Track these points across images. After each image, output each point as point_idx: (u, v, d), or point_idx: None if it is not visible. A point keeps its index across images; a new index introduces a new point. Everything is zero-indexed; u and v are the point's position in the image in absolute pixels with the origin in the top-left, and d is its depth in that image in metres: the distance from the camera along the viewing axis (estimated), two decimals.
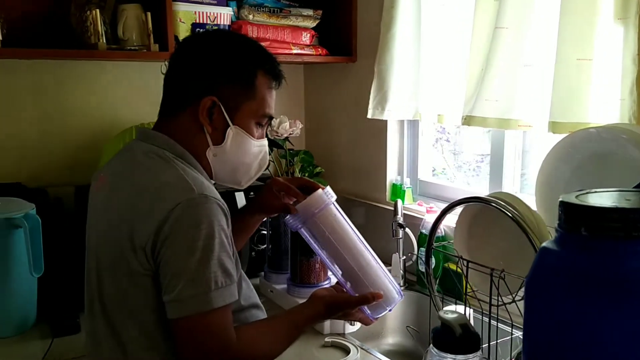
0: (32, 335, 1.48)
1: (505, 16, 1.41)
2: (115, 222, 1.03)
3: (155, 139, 1.09)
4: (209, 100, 1.07)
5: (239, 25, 1.85)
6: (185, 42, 1.20)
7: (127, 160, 1.10)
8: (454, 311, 0.90)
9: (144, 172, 1.04)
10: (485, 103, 1.47)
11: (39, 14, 1.74)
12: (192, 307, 0.96)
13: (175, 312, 0.97)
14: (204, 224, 0.96)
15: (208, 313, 0.96)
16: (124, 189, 1.05)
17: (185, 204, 0.96)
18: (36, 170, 1.85)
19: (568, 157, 1.16)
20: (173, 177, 1.01)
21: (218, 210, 0.99)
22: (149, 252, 0.97)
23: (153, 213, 0.97)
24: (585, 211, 0.62)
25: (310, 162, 2.09)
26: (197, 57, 1.10)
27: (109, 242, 1.04)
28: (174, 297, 0.96)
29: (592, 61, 1.26)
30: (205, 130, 1.08)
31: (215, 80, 1.08)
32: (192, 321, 0.96)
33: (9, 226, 1.41)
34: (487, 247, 1.19)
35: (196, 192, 0.98)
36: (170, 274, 0.97)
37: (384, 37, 1.82)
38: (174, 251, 0.96)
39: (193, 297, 0.95)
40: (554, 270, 0.65)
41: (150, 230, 0.96)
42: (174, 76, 1.12)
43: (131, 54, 1.69)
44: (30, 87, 1.82)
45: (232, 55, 1.11)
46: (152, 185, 1.00)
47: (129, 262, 0.99)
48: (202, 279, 0.96)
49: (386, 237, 1.80)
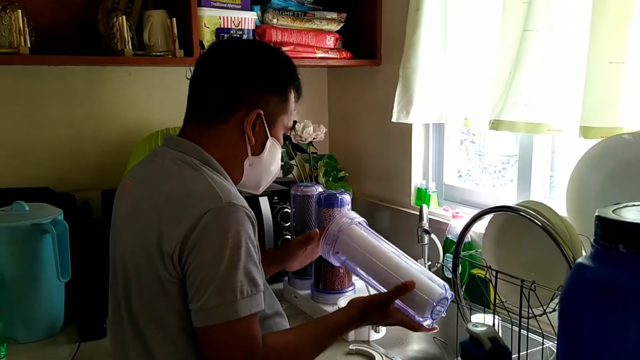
0: (59, 339, 1.50)
1: (534, 18, 1.38)
2: (142, 229, 1.03)
3: (183, 146, 1.08)
4: (256, 112, 1.07)
5: (263, 30, 1.84)
6: (218, 48, 1.16)
7: (154, 167, 1.10)
8: (483, 324, 0.88)
9: (172, 179, 1.04)
10: (514, 107, 1.44)
11: (68, 21, 1.76)
12: (218, 317, 0.95)
13: (201, 320, 0.97)
14: (232, 232, 0.96)
15: (234, 322, 0.95)
16: (151, 196, 1.04)
17: (214, 212, 0.96)
18: (64, 174, 1.87)
19: (600, 164, 1.13)
20: (201, 185, 1.01)
21: (245, 219, 0.99)
22: (176, 259, 0.97)
23: (181, 221, 0.97)
24: (623, 227, 0.60)
25: (334, 167, 2.08)
26: (238, 66, 1.09)
27: (136, 249, 1.04)
28: (200, 306, 0.96)
29: (625, 64, 1.22)
30: (247, 141, 1.09)
31: (259, 92, 1.09)
32: (217, 330, 0.96)
33: (38, 232, 1.43)
34: (516, 256, 1.16)
35: (224, 201, 0.97)
36: (197, 282, 0.96)
37: (409, 39, 1.80)
38: (202, 260, 0.96)
39: (219, 306, 0.95)
40: (590, 286, 0.63)
41: (178, 237, 0.96)
42: (209, 83, 1.10)
43: (157, 60, 1.70)
44: (58, 93, 1.85)
45: (273, 67, 1.12)
46: (180, 193, 1.00)
47: (157, 269, 0.99)
48: (229, 288, 0.95)
49: (411, 242, 1.78)
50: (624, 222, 0.60)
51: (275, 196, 1.81)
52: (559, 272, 1.02)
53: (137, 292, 1.05)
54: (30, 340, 1.47)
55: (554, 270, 1.05)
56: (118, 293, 1.10)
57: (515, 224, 1.16)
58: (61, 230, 1.44)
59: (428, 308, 1.12)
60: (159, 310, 1.02)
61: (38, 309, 1.48)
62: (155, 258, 0.99)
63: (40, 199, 1.59)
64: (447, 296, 1.13)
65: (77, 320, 1.55)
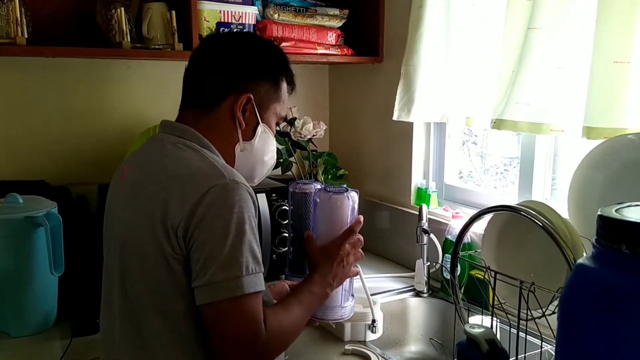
0: (52, 334, 1.48)
1: (538, 16, 1.36)
2: (146, 207, 1.01)
3: (181, 132, 1.10)
4: (246, 96, 1.10)
5: (264, 25, 1.82)
6: (213, 40, 1.20)
7: (153, 150, 1.11)
8: (481, 325, 0.86)
9: (175, 160, 1.04)
10: (516, 106, 1.42)
11: (66, 12, 1.74)
12: (225, 292, 0.94)
13: (206, 296, 0.95)
14: (236, 207, 0.96)
15: (240, 298, 0.94)
16: (154, 176, 1.04)
17: (218, 188, 0.96)
18: (60, 167, 1.85)
19: (603, 165, 1.10)
20: (205, 164, 1.02)
21: (248, 197, 1.00)
22: (180, 235, 0.97)
23: (186, 197, 0.97)
24: (627, 227, 0.57)
25: (334, 164, 2.06)
26: (232, 55, 1.13)
27: (139, 228, 1.02)
28: (206, 281, 0.95)
29: (630, 64, 1.20)
30: (238, 125, 1.11)
31: (251, 78, 1.12)
32: (223, 306, 0.94)
33: (31, 224, 1.41)
34: (516, 257, 1.14)
35: (227, 179, 0.98)
36: (203, 257, 0.95)
37: (412, 37, 1.77)
38: (208, 235, 0.95)
39: (225, 281, 0.94)
40: (591, 288, 0.61)
41: (183, 213, 0.96)
42: (204, 71, 1.13)
43: (155, 53, 1.68)
44: (55, 85, 1.83)
45: (265, 56, 1.15)
46: (185, 172, 1.01)
47: (162, 246, 0.98)
48: (235, 263, 0.94)
49: (410, 242, 1.76)
50: (627, 222, 0.58)
51: (273, 193, 1.78)
52: (559, 273, 1.00)
53: (138, 274, 1.03)
54: (23, 334, 1.45)
55: (554, 272, 1.02)
56: (112, 280, 1.08)
57: (515, 225, 1.14)
58: (55, 223, 1.42)
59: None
60: (163, 292, 1.00)
61: (30, 303, 1.46)
62: (161, 235, 0.98)
63: (35, 192, 1.57)
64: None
65: (70, 315, 1.53)
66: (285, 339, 1.06)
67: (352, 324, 1.45)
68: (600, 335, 0.59)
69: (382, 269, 1.93)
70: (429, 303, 1.72)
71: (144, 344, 1.02)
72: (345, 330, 1.46)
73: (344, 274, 1.18)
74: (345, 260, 1.17)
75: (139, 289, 1.03)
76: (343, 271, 1.18)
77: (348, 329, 1.46)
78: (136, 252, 1.03)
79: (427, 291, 1.73)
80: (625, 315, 0.58)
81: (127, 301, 1.04)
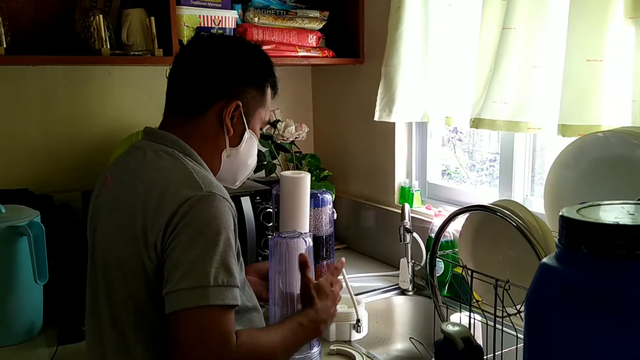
0: (38, 342, 1.48)
1: (513, 17, 1.38)
2: (125, 220, 1.02)
3: (163, 139, 1.10)
4: (235, 103, 1.10)
5: (244, 29, 1.83)
6: (198, 43, 1.18)
7: (134, 159, 1.10)
8: (458, 324, 0.88)
9: (154, 170, 1.04)
10: (494, 105, 1.44)
11: (44, 20, 1.74)
12: (188, 301, 0.91)
13: (170, 305, 0.92)
14: (212, 220, 0.96)
15: (205, 309, 0.91)
16: (133, 187, 1.04)
17: (194, 200, 0.96)
18: (43, 175, 1.85)
19: (575, 163, 1.12)
20: (182, 174, 1.02)
21: (226, 209, 0.99)
22: (159, 247, 0.97)
23: (162, 209, 0.97)
24: (586, 227, 0.59)
25: (318, 166, 2.07)
26: (219, 60, 1.12)
27: (120, 240, 1.03)
28: (171, 288, 0.93)
29: (603, 62, 1.22)
30: (225, 132, 1.11)
31: (239, 84, 1.12)
32: (186, 316, 0.91)
33: (14, 234, 1.41)
34: (493, 255, 1.16)
35: (204, 190, 0.98)
36: (170, 265, 0.95)
37: (391, 37, 1.79)
38: (178, 243, 0.95)
39: (189, 289, 0.91)
40: (554, 287, 0.63)
41: (160, 226, 0.96)
42: (190, 77, 1.12)
43: (135, 59, 1.68)
44: (36, 92, 1.83)
45: (251, 61, 1.15)
46: (162, 182, 1.01)
47: (141, 258, 0.98)
48: (202, 272, 0.92)
49: (395, 241, 1.77)
50: (586, 222, 0.60)
51: (258, 196, 1.79)
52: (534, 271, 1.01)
53: (119, 285, 1.03)
54: (8, 343, 1.45)
55: (529, 269, 1.04)
56: (97, 287, 1.08)
57: (491, 223, 1.16)
58: (38, 232, 1.43)
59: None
60: (142, 303, 1.01)
61: (15, 312, 1.46)
62: (141, 248, 0.98)
63: (18, 201, 1.57)
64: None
65: (55, 323, 1.53)
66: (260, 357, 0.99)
67: (336, 324, 1.47)
68: (563, 333, 0.61)
69: (367, 268, 1.94)
70: (413, 301, 1.74)
71: (129, 350, 1.02)
72: (330, 331, 1.47)
73: (332, 313, 1.16)
74: (335, 299, 1.17)
75: (122, 297, 1.03)
76: (333, 309, 1.16)
77: (333, 329, 1.47)
78: (117, 263, 1.03)
79: (412, 289, 1.75)
80: (587, 313, 0.59)
81: (112, 309, 1.05)
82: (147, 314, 1.01)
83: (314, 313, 1.10)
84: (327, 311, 1.13)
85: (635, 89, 1.17)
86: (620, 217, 0.62)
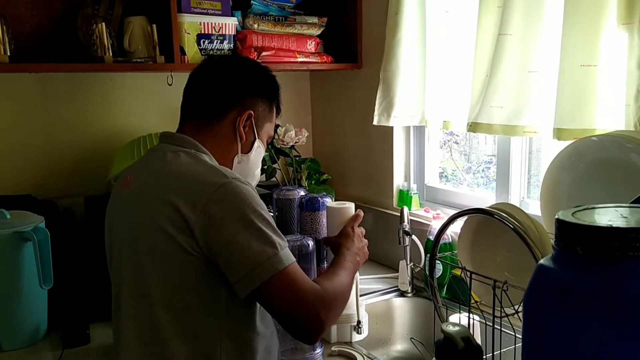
0: (43, 346, 1.50)
1: (509, 23, 1.40)
2: (153, 207, 1.05)
3: (181, 141, 1.16)
4: (248, 112, 1.19)
5: (244, 35, 1.85)
6: (212, 62, 1.28)
7: (155, 160, 1.16)
8: (457, 324, 0.90)
9: (177, 164, 1.11)
10: (491, 109, 1.46)
11: (47, 27, 1.76)
12: (271, 269, 0.99)
13: (255, 281, 0.99)
14: (247, 199, 1.03)
15: (286, 269, 1.00)
16: (158, 178, 1.10)
17: (226, 186, 1.03)
18: (46, 181, 1.87)
19: (569, 166, 1.15)
20: (205, 167, 1.09)
21: (252, 191, 1.06)
22: (198, 234, 1.01)
23: (196, 197, 1.02)
24: (580, 230, 0.62)
25: (317, 170, 2.10)
26: (235, 73, 1.22)
27: (148, 229, 1.05)
28: (249, 268, 0.99)
29: (597, 67, 1.24)
30: (238, 139, 1.20)
31: (252, 96, 1.22)
32: (275, 281, 0.99)
33: (19, 239, 1.43)
34: (491, 257, 1.18)
35: (229, 177, 1.05)
36: (237, 252, 1.00)
37: (389, 43, 1.82)
38: (233, 231, 1.00)
39: (267, 260, 0.99)
40: (550, 288, 0.65)
41: (197, 213, 1.00)
42: (208, 87, 1.20)
43: (137, 67, 1.70)
44: (39, 99, 1.85)
45: (263, 78, 1.26)
46: (188, 173, 1.07)
47: (177, 242, 1.02)
48: (268, 245, 1.00)
49: (394, 243, 1.80)
50: (581, 225, 0.62)
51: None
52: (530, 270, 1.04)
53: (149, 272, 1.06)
54: (13, 347, 1.47)
55: (526, 270, 1.07)
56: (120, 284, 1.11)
57: (489, 226, 1.18)
58: (43, 237, 1.44)
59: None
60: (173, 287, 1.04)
61: (21, 317, 1.48)
62: (173, 232, 1.02)
63: (22, 207, 1.58)
64: None
65: (60, 327, 1.55)
66: (341, 299, 1.12)
67: (337, 325, 1.49)
68: (560, 333, 0.63)
69: (366, 270, 1.96)
70: (413, 302, 1.76)
71: (152, 339, 1.05)
72: (331, 332, 1.49)
73: (364, 250, 1.32)
74: (360, 238, 1.33)
75: (149, 285, 1.06)
76: (363, 247, 1.32)
77: (334, 331, 1.49)
78: (147, 251, 1.06)
79: (411, 291, 1.78)
80: (582, 314, 0.62)
81: (135, 299, 1.08)
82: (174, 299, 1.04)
83: (346, 250, 1.26)
84: (357, 246, 1.30)
85: (629, 93, 1.20)
86: (614, 220, 0.64)
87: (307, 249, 1.39)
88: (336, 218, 1.43)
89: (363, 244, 1.33)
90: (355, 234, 1.34)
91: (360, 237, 1.35)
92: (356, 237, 1.33)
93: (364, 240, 1.35)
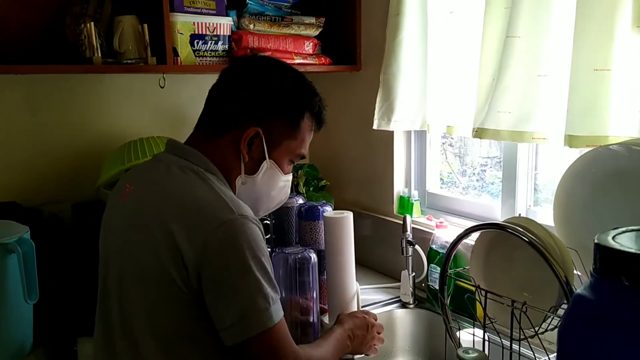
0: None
1: (517, 25, 1.35)
2: (149, 234, 0.99)
3: (189, 155, 1.07)
4: (253, 130, 1.07)
5: (239, 36, 1.78)
6: (240, 63, 1.18)
7: (158, 173, 1.07)
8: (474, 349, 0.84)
9: (181, 185, 1.02)
10: (498, 115, 1.41)
11: (34, 26, 1.68)
12: (260, 325, 0.95)
13: (241, 334, 0.95)
14: (250, 244, 0.95)
15: (273, 328, 0.96)
16: (159, 201, 1.02)
17: (228, 225, 0.95)
18: (32, 187, 1.79)
19: (586, 176, 1.09)
20: (211, 195, 1.00)
21: (257, 231, 0.98)
22: (192, 268, 0.95)
23: (196, 230, 0.95)
24: (627, 258, 0.56)
25: (315, 176, 2.03)
26: (251, 84, 1.10)
27: (140, 254, 1.00)
28: (237, 319, 0.94)
29: (611, 71, 1.20)
30: (241, 158, 1.08)
31: (264, 112, 1.08)
32: (261, 339, 0.95)
33: (2, 251, 1.35)
34: (506, 274, 1.12)
35: (236, 213, 0.96)
36: (228, 298, 0.95)
37: (390, 44, 1.76)
38: (227, 274, 0.94)
39: (257, 314, 0.94)
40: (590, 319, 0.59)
41: (195, 248, 0.94)
42: (223, 95, 1.11)
43: (128, 68, 1.63)
44: (24, 101, 1.76)
45: (285, 91, 1.11)
46: (190, 202, 0.98)
47: (169, 273, 0.96)
48: (261, 297, 0.95)
49: (394, 251, 1.74)
50: (627, 253, 0.56)
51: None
52: (550, 288, 0.98)
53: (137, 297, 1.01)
54: None
55: (543, 288, 1.01)
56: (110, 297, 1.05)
57: (503, 241, 1.12)
58: (27, 249, 1.37)
59: None
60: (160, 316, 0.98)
61: (5, 332, 1.40)
62: (167, 262, 0.95)
63: (7, 215, 1.51)
64: None
65: (47, 343, 1.48)
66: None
67: None
68: None
69: (366, 279, 1.91)
70: (415, 314, 1.70)
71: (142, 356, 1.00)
72: None
73: (364, 341, 1.27)
74: (369, 325, 1.30)
75: (136, 310, 1.01)
76: (366, 336, 1.27)
77: None
78: (136, 276, 1.01)
79: (413, 302, 1.72)
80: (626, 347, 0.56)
81: (126, 321, 1.02)
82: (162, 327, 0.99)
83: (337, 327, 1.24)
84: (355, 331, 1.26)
85: None
86: None
87: (309, 262, 1.32)
88: (333, 229, 1.36)
89: (371, 336, 1.30)
90: (363, 320, 1.30)
91: (370, 329, 1.30)
92: (361, 322, 1.29)
93: (373, 334, 1.31)
